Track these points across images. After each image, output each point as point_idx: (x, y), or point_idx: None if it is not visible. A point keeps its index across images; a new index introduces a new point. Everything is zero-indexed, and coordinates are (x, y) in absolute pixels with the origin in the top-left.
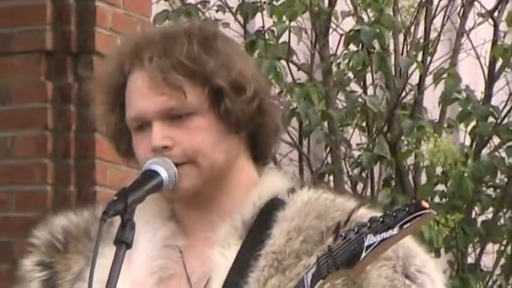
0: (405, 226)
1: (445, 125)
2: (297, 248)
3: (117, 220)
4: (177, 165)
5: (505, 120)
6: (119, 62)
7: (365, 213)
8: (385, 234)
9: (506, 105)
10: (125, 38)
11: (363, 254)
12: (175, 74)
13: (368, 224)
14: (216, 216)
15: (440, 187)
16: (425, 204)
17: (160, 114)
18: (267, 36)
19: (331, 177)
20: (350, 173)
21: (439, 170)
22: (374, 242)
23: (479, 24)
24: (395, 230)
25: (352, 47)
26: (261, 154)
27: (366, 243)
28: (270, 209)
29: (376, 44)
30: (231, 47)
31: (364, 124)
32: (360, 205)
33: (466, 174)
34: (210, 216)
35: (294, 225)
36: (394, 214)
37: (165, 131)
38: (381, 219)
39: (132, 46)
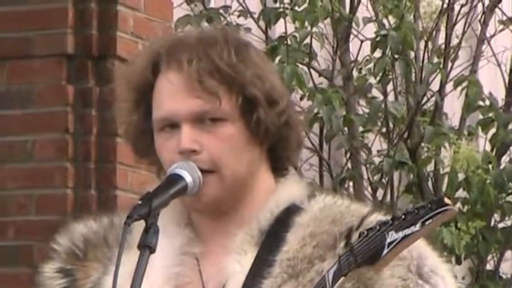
0: (427, 222)
1: (465, 132)
2: (310, 252)
3: (135, 228)
4: (201, 171)
5: None
6: (152, 60)
7: (379, 219)
8: (407, 231)
9: None
10: (157, 38)
11: (385, 251)
12: (213, 79)
13: (390, 222)
14: (233, 224)
15: (461, 194)
16: (447, 200)
17: (192, 117)
18: (289, 42)
19: (351, 183)
20: (370, 179)
21: (461, 176)
22: (396, 239)
23: (500, 31)
24: (417, 227)
25: (375, 53)
26: (280, 166)
27: (388, 240)
28: (287, 216)
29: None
30: (261, 58)
31: (384, 130)
32: (374, 211)
33: (488, 181)
34: (228, 225)
35: (309, 231)
36: (416, 211)
37: (194, 135)
38: (403, 217)
39: (168, 46)
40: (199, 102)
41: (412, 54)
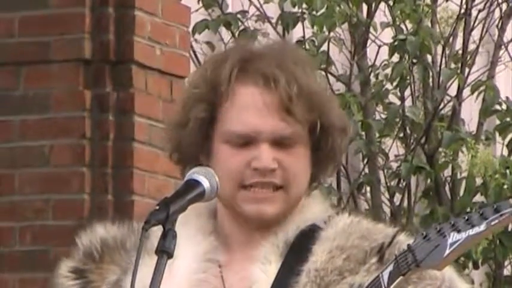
0: (493, 223)
1: (483, 137)
2: (340, 265)
3: (153, 233)
4: (274, 187)
5: None
6: (236, 66)
7: (407, 239)
8: (470, 231)
9: None
10: (241, 44)
11: (447, 251)
12: (300, 103)
13: (451, 223)
14: (259, 235)
15: (478, 198)
16: None
17: (273, 138)
18: (307, 46)
19: (369, 188)
20: (388, 184)
21: (478, 181)
22: (459, 239)
23: None
24: (481, 227)
25: (393, 58)
26: (312, 182)
27: (450, 241)
28: (313, 231)
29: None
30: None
31: (401, 135)
32: (402, 230)
33: (506, 186)
34: (254, 235)
35: (336, 244)
36: (480, 212)
37: (273, 153)
38: (465, 218)
39: (254, 58)
40: (283, 125)
41: (430, 59)
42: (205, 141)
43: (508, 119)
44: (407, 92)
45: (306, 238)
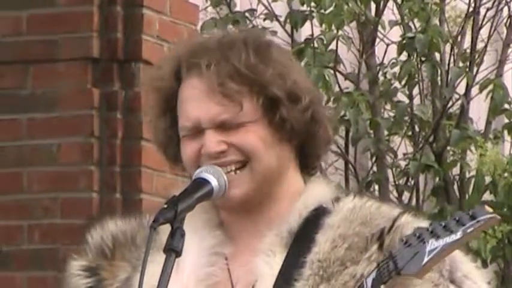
0: (469, 230)
1: (491, 136)
2: (342, 255)
3: (163, 228)
4: (235, 169)
5: None
6: (175, 67)
7: (410, 221)
8: (447, 239)
9: None
10: (179, 43)
11: (425, 259)
12: (233, 83)
13: (429, 229)
14: (262, 224)
15: (487, 197)
16: (488, 208)
17: (216, 124)
18: (315, 45)
19: (377, 187)
20: (396, 183)
21: (487, 179)
22: (436, 247)
23: None
24: (458, 235)
25: (401, 56)
26: (309, 164)
27: (428, 248)
28: (316, 218)
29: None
30: (284, 56)
31: (410, 133)
32: (404, 212)
33: None
34: (257, 225)
35: (339, 232)
36: (457, 219)
37: (218, 137)
38: (443, 224)
39: (188, 51)
40: (221, 109)
41: (438, 57)
42: (176, 142)
43: None
44: (415, 91)
45: (310, 226)
